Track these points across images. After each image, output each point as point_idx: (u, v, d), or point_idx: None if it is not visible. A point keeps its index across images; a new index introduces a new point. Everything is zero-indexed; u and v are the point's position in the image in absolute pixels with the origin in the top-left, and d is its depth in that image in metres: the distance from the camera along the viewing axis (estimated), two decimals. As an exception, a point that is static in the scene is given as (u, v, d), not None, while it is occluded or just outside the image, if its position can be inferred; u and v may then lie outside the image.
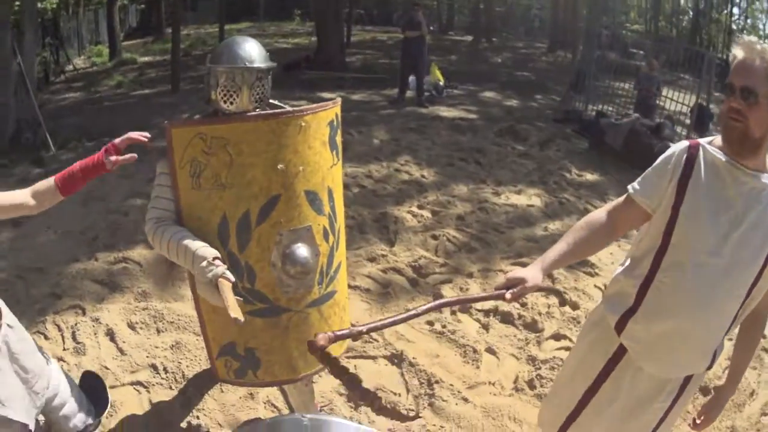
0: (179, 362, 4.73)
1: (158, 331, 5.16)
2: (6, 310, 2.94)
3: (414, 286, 5.72)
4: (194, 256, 2.74)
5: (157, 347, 4.91)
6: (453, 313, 5.19)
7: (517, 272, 2.54)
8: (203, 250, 2.75)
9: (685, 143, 2.49)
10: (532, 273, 2.52)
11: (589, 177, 8.83)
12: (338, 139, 3.25)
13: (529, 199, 7.69)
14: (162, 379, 4.59)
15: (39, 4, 20.25)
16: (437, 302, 2.48)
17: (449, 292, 5.47)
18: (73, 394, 3.26)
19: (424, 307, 2.51)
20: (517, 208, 7.34)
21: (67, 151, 10.86)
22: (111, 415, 4.19)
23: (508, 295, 2.47)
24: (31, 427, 2.95)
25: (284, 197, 2.98)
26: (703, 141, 2.44)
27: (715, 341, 2.54)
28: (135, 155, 2.88)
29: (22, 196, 2.90)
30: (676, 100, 12.77)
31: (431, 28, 18.33)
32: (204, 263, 2.71)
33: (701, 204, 2.39)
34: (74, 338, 5.04)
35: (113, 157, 2.80)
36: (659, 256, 2.52)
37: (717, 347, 2.58)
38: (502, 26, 34.54)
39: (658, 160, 2.55)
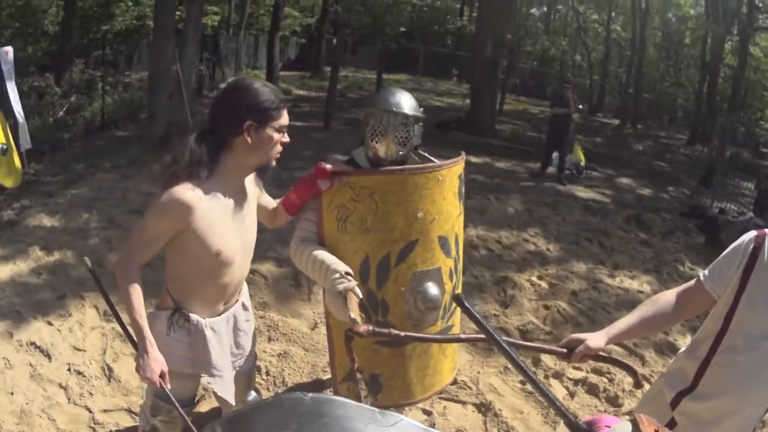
0: (282, 369, 5.06)
1: (269, 339, 5.54)
2: (245, 291, 3.23)
3: (516, 348, 5.97)
4: (328, 269, 2.94)
5: (265, 352, 5.26)
6: (546, 377, 5.39)
7: (581, 335, 2.67)
8: (337, 265, 2.97)
9: (753, 233, 2.57)
10: (595, 337, 2.63)
11: (700, 272, 8.77)
12: (463, 189, 3.49)
13: (641, 285, 7.74)
14: (262, 380, 4.94)
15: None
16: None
17: (546, 359, 5.62)
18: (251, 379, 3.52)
19: (476, 336, 2.76)
20: (628, 293, 7.42)
21: (213, 163, 11.47)
22: (204, 399, 4.44)
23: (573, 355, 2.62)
24: (233, 402, 3.10)
25: (421, 242, 3.20)
26: None
27: (757, 418, 2.63)
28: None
29: (273, 204, 3.32)
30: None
31: (580, 106, 18.26)
32: (336, 275, 2.92)
33: (760, 291, 2.47)
34: (185, 329, 5.55)
35: (327, 184, 3.07)
36: (718, 339, 2.59)
37: (756, 424, 2.65)
38: (648, 113, 33.97)
39: (728, 249, 2.64)
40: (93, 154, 12.04)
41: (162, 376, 2.75)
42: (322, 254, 3.04)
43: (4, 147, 8.71)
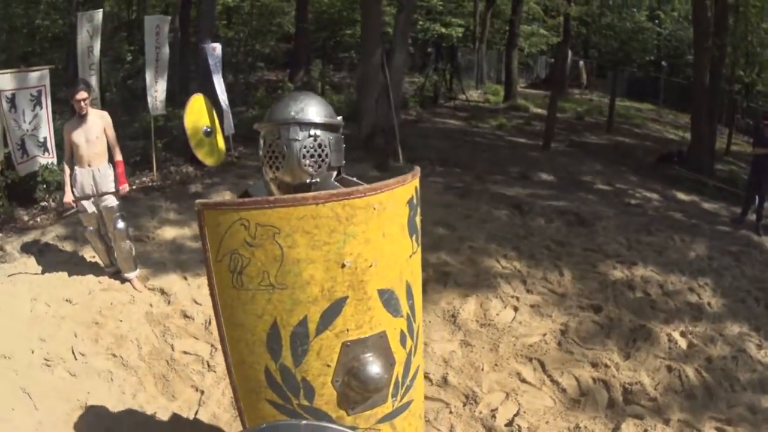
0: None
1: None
2: (104, 165, 6.15)
3: (610, 407, 5.35)
4: None
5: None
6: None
7: None
8: None
9: None
10: None
11: None
12: (417, 219, 2.57)
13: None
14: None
15: (443, 30, 22.03)
16: None
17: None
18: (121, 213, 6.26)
19: None
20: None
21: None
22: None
23: None
24: (89, 210, 6.22)
25: (352, 300, 2.32)
26: None
27: None
28: None
29: (110, 138, 6.33)
30: None
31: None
32: None
33: None
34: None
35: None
36: None
37: None
38: None
39: None
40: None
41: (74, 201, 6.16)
42: None
43: (208, 129, 9.57)
